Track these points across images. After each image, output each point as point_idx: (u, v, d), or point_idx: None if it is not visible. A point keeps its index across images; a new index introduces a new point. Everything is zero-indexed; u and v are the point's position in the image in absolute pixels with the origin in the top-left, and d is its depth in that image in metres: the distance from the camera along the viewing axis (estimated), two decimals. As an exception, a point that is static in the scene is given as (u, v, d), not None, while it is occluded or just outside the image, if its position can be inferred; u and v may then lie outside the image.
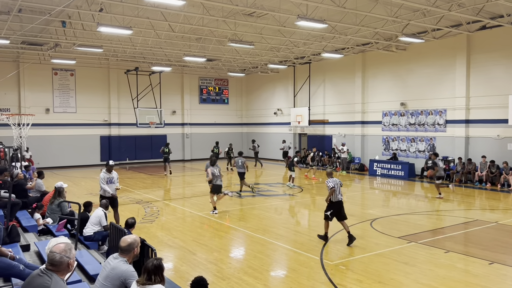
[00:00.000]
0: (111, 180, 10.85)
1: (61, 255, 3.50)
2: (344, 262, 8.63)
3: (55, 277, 3.49)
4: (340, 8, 15.12)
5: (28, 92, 26.50)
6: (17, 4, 14.72)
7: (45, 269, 3.53)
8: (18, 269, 4.58)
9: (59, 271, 3.52)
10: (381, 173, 22.69)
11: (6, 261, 4.61)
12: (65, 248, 3.55)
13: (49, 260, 3.53)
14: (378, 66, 24.21)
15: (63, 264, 3.52)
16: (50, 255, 3.51)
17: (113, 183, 10.90)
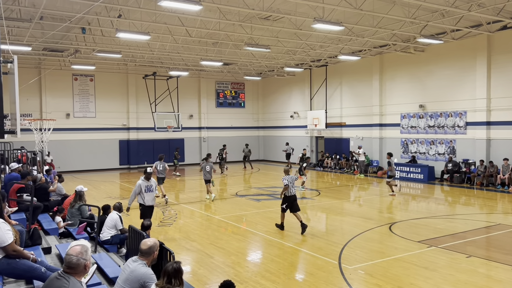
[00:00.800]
0: (149, 188, 10.48)
1: (77, 258, 3.55)
2: (363, 266, 8.53)
3: (73, 280, 3.54)
4: (357, 10, 15.03)
5: (49, 97, 27.08)
6: (39, 12, 15.08)
7: (62, 272, 3.59)
8: (40, 272, 4.67)
9: (76, 274, 3.58)
10: (400, 176, 22.38)
11: (28, 263, 4.71)
12: (81, 250, 3.59)
13: (66, 263, 3.58)
14: (396, 68, 23.95)
15: (80, 266, 3.57)
16: (67, 257, 3.57)
17: (152, 191, 10.51)
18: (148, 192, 10.41)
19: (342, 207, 15.20)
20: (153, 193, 10.46)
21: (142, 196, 10.44)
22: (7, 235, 4.58)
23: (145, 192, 10.35)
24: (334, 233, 11.50)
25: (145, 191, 10.35)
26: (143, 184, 10.39)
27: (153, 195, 10.51)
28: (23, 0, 14.77)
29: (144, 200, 10.35)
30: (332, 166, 27.48)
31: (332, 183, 22.14)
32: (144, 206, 10.39)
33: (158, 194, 10.72)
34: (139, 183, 10.38)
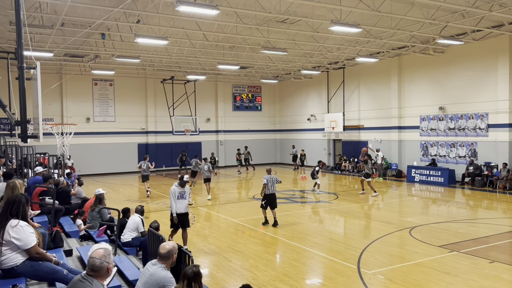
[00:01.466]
0: (182, 195, 10.04)
1: (101, 261, 3.62)
2: (383, 271, 8.42)
3: (96, 282, 3.60)
4: (375, 12, 14.90)
5: (70, 102, 27.61)
6: (60, 18, 15.42)
7: (85, 274, 3.65)
8: (62, 274, 4.74)
9: (99, 276, 3.64)
10: (420, 179, 22.05)
11: (50, 265, 4.79)
12: (104, 253, 3.66)
13: (89, 266, 3.64)
14: (415, 70, 23.64)
15: (103, 269, 3.63)
16: (91, 260, 3.62)
17: (185, 198, 10.10)
18: (181, 199, 10.02)
19: (361, 211, 15.04)
20: (186, 200, 10.11)
21: (174, 203, 10.06)
22: (31, 237, 4.68)
23: (178, 199, 9.94)
24: (352, 237, 11.38)
25: (178, 198, 9.95)
26: (176, 190, 9.98)
27: (186, 203, 10.13)
28: (45, 7, 15.11)
29: (176, 207, 9.95)
30: (350, 169, 27.24)
31: (350, 186, 21.95)
32: (176, 214, 9.97)
33: (191, 202, 10.16)
34: (172, 188, 10.00)
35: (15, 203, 4.81)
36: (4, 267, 4.63)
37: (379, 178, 23.61)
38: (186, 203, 10.15)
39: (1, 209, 5.07)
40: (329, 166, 29.73)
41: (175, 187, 9.98)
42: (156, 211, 15.28)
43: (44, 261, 4.80)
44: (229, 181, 25.03)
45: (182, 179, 10.10)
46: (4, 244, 4.59)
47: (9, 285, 4.53)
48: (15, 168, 12.26)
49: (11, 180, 6.51)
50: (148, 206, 15.99)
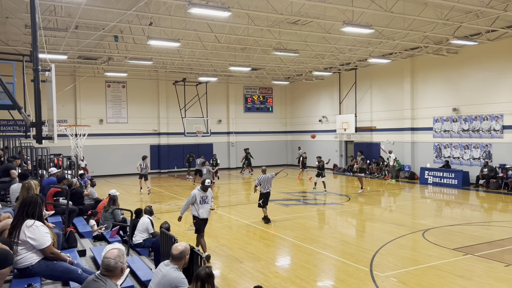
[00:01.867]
0: (205, 200, 9.59)
1: (115, 261, 3.68)
2: (396, 274, 8.34)
3: (109, 282, 3.66)
4: (387, 12, 14.81)
5: (83, 104, 27.93)
6: (74, 21, 15.63)
7: (100, 274, 3.71)
8: (76, 273, 4.80)
9: (113, 276, 3.70)
10: (433, 181, 21.81)
11: (65, 265, 4.85)
12: (119, 253, 3.73)
13: (104, 266, 3.69)
14: (428, 71, 23.41)
15: (117, 269, 3.70)
16: (105, 261, 3.68)
17: (207, 203, 9.64)
18: (204, 203, 9.54)
19: (373, 213, 14.93)
20: (209, 205, 9.65)
21: (196, 208, 9.51)
22: (46, 237, 4.74)
23: (200, 204, 9.46)
24: (365, 239, 11.31)
25: (200, 203, 9.46)
26: (198, 194, 9.48)
27: (209, 208, 9.67)
28: (59, 10, 15.33)
29: (199, 212, 9.44)
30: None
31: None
32: (198, 219, 9.49)
33: (214, 207, 9.74)
34: (194, 192, 9.48)
35: (31, 204, 4.88)
36: (19, 267, 4.70)
37: (392, 180, 23.40)
38: (209, 208, 9.71)
39: (17, 209, 5.15)
40: (341, 168, 29.57)
41: (197, 191, 9.52)
42: (168, 212, 15.36)
43: (59, 261, 4.86)
44: (240, 182, 25.06)
45: (204, 183, 9.62)
46: (20, 244, 4.66)
47: (24, 284, 4.60)
48: (30, 169, 12.43)
49: (27, 181, 6.61)
50: (160, 207, 16.09)
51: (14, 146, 14.84)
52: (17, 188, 7.94)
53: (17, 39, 19.32)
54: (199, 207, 9.46)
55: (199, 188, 9.59)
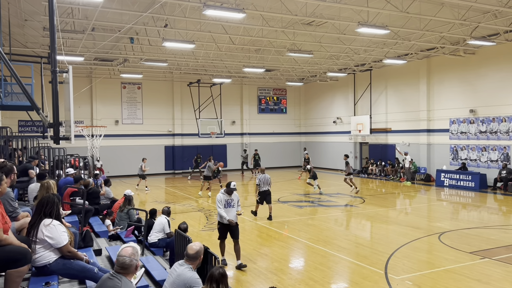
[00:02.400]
0: (230, 203, 9.09)
1: (130, 258, 3.79)
2: (411, 277, 8.25)
3: (124, 279, 3.77)
4: (403, 13, 14.67)
5: (99, 105, 28.30)
6: (91, 24, 15.85)
7: (114, 272, 3.81)
8: (92, 272, 4.86)
9: (128, 274, 3.81)
10: (449, 184, 21.50)
11: (82, 264, 4.92)
12: (133, 251, 3.84)
13: (119, 264, 3.79)
14: (444, 72, 23.10)
15: (132, 266, 3.81)
16: (120, 259, 3.78)
17: (233, 206, 9.13)
18: (229, 207, 9.05)
19: (388, 215, 14.79)
20: (234, 209, 9.12)
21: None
22: (63, 236, 4.81)
23: (225, 208, 8.97)
24: (379, 242, 11.20)
25: (225, 206, 8.99)
26: (223, 198, 9.03)
27: (235, 212, 9.11)
28: (76, 13, 15.57)
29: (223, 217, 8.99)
30: (377, 173, 26.85)
31: (377, 190, 21.61)
32: (222, 224, 9.01)
33: (241, 212, 9.34)
34: (218, 196, 9.07)
35: (48, 203, 4.96)
36: (37, 265, 4.78)
37: (407, 182, 23.14)
38: (235, 212, 9.13)
39: (35, 208, 5.24)
40: (355, 170, 29.36)
41: (221, 194, 9.07)
42: (183, 212, 15.46)
43: (76, 260, 4.93)
44: (254, 184, 25.04)
45: (229, 186, 9.11)
46: (38, 243, 4.74)
47: (42, 282, 4.68)
48: (47, 169, 12.63)
49: (45, 180, 6.73)
50: (174, 207, 16.19)
51: (32, 146, 15.11)
52: (35, 188, 8.07)
53: (35, 41, 19.67)
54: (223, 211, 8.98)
55: (223, 191, 9.16)
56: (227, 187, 9.17)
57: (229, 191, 9.14)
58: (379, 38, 19.26)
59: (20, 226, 5.49)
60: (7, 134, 13.17)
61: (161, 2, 13.26)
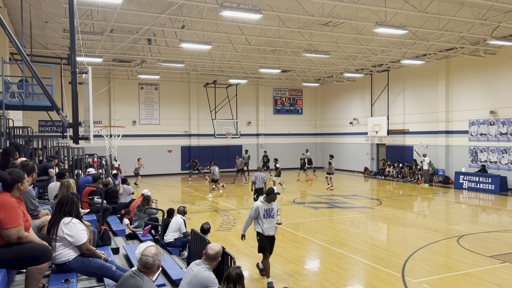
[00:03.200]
0: (269, 213, 7.98)
1: (153, 259, 3.88)
2: (429, 280, 8.13)
3: (146, 278, 3.85)
4: (422, 13, 14.48)
5: (117, 105, 28.68)
6: (110, 25, 16.08)
7: (137, 270, 3.91)
8: (110, 270, 4.93)
9: (150, 273, 3.91)
10: (468, 186, 21.12)
11: (100, 262, 4.99)
12: (156, 251, 3.94)
13: (142, 263, 3.88)
14: (464, 72, 22.71)
15: (155, 266, 3.91)
16: (144, 258, 3.88)
17: (272, 217, 8.00)
18: (268, 217, 7.97)
19: (405, 218, 14.60)
20: (275, 219, 8.07)
21: (260, 223, 7.97)
22: (82, 234, 4.90)
23: (264, 218, 7.93)
24: (396, 244, 11.07)
25: (264, 216, 7.93)
26: (262, 206, 7.94)
27: (274, 222, 8.05)
28: (96, 15, 15.82)
29: (262, 227, 7.91)
30: (394, 174, 26.54)
31: (394, 192, 21.38)
32: (262, 236, 7.96)
33: (281, 221, 8.21)
34: (257, 205, 7.98)
35: (68, 202, 5.05)
36: (57, 262, 4.87)
37: (425, 184, 22.82)
38: (274, 223, 8.04)
39: (55, 207, 5.34)
40: (372, 171, 29.09)
41: (260, 203, 7.97)
42: (198, 212, 15.55)
43: (94, 258, 5.00)
44: (269, 184, 25.01)
45: (271, 193, 7.99)
46: (58, 240, 4.83)
47: (61, 279, 4.76)
48: (66, 169, 12.85)
49: (65, 179, 6.85)
50: (190, 207, 16.30)
51: (52, 146, 15.39)
52: (55, 187, 8.22)
53: (55, 42, 20.05)
54: (263, 221, 7.92)
55: (262, 199, 8.07)
56: (269, 194, 7.98)
57: (271, 199, 7.99)
58: (397, 39, 19.05)
59: (41, 224, 5.60)
60: (28, 133, 13.44)
61: (179, 3, 13.37)
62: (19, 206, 4.22)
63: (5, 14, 15.23)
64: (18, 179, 4.28)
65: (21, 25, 13.21)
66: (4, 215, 4.00)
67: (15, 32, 16.95)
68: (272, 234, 8.02)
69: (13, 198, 4.20)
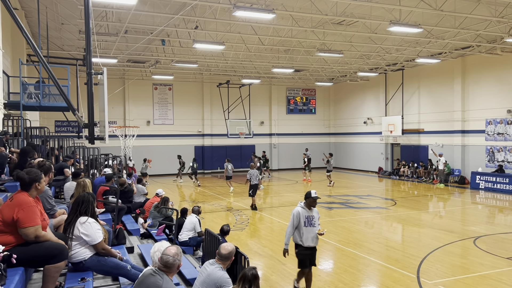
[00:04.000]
0: (310, 221, 7.05)
1: (174, 258, 3.95)
2: (444, 282, 8.02)
3: (166, 277, 3.92)
4: (437, 11, 14.29)
5: (132, 106, 28.96)
6: (124, 26, 16.24)
7: (157, 269, 3.97)
8: (125, 270, 4.98)
9: (170, 272, 3.98)
10: (485, 186, 20.77)
11: (115, 261, 5.04)
12: (177, 251, 4.01)
13: (163, 262, 3.95)
14: (480, 71, 22.35)
15: (175, 266, 3.98)
16: (164, 257, 3.94)
17: (314, 225, 7.09)
18: (309, 226, 7.03)
19: (420, 218, 14.44)
20: (316, 228, 7.11)
21: (299, 232, 7.06)
22: (98, 234, 4.95)
23: (305, 226, 7.00)
24: (411, 245, 10.95)
25: (305, 225, 7.01)
26: (303, 213, 7.04)
27: (315, 232, 7.10)
28: (110, 16, 15.99)
29: (302, 238, 7.01)
30: (409, 174, 26.26)
31: (409, 192, 21.15)
32: (301, 247, 7.09)
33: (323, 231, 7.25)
34: (297, 211, 7.06)
35: (83, 202, 5.12)
36: (73, 261, 4.93)
37: (440, 185, 22.52)
38: (315, 233, 7.10)
39: (71, 207, 5.42)
40: (386, 171, 28.83)
41: (300, 208, 7.08)
42: (212, 211, 15.61)
43: (110, 257, 5.06)
44: (282, 184, 25.01)
45: (310, 196, 7.04)
46: (74, 239, 4.90)
47: (78, 278, 4.83)
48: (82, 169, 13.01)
49: (81, 179, 6.93)
50: (204, 207, 16.37)
51: (68, 146, 15.61)
52: (71, 186, 8.33)
53: (71, 44, 20.33)
54: (303, 231, 6.99)
55: (302, 204, 7.15)
56: (307, 198, 7.10)
57: (310, 204, 7.08)
58: (412, 37, 18.84)
59: (57, 223, 5.69)
60: (44, 134, 13.66)
61: (192, 4, 13.44)
62: (36, 205, 4.28)
63: (22, 17, 15.50)
64: (36, 178, 4.34)
65: (38, 27, 13.44)
66: (22, 214, 4.07)
67: (32, 34, 17.25)
68: (312, 245, 7.11)
69: (31, 198, 4.27)
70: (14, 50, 15.54)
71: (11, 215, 4.06)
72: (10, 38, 14.78)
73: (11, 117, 12.27)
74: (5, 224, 4.07)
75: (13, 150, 8.91)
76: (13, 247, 4.04)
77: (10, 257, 3.82)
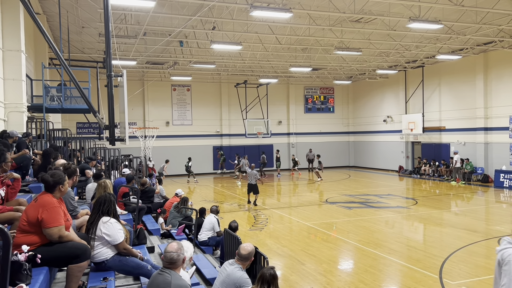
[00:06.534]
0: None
1: (177, 253, 3.99)
2: (468, 282, 7.86)
3: (173, 273, 3.96)
4: (458, 6, 14.02)
5: (151, 107, 29.29)
6: (143, 28, 16.44)
7: (163, 268, 4.03)
8: (146, 269, 5.05)
9: (176, 268, 4.01)
10: (509, 185, 20.27)
11: (136, 261, 5.12)
12: (179, 246, 4.05)
13: (167, 260, 4.00)
14: (503, 67, 21.80)
15: (180, 260, 4.01)
16: (168, 255, 3.99)
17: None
18: None
19: (442, 218, 14.18)
20: None
21: None
22: (119, 234, 5.03)
23: None
24: (433, 245, 10.77)
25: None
26: None
27: None
28: (129, 18, 16.21)
29: None
30: (430, 173, 25.82)
31: (430, 191, 20.79)
32: None
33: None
34: None
35: (105, 202, 5.21)
36: (96, 261, 5.03)
37: (453, 182, 22.07)
38: None
39: (92, 207, 5.52)
40: (407, 170, 28.42)
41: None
42: (231, 211, 15.66)
43: (131, 257, 5.13)
44: (302, 184, 24.93)
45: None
46: (96, 239, 4.99)
47: (100, 277, 4.91)
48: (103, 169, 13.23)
49: (102, 180, 7.05)
50: (222, 206, 16.45)
51: (89, 147, 15.90)
52: (92, 187, 8.48)
53: (91, 47, 20.69)
54: None
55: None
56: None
57: None
58: (432, 33, 18.51)
59: (80, 223, 5.81)
60: (66, 135, 13.95)
61: (209, 5, 13.51)
62: (60, 206, 4.38)
63: (44, 21, 15.85)
64: (60, 181, 4.44)
65: (59, 31, 13.72)
66: (46, 214, 4.16)
67: (53, 38, 17.62)
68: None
69: (55, 199, 4.37)
70: (36, 54, 15.92)
71: (35, 215, 4.16)
72: (32, 42, 15.15)
73: (35, 119, 12.56)
74: (30, 224, 4.17)
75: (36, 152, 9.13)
76: (37, 247, 4.14)
77: (35, 257, 3.92)
